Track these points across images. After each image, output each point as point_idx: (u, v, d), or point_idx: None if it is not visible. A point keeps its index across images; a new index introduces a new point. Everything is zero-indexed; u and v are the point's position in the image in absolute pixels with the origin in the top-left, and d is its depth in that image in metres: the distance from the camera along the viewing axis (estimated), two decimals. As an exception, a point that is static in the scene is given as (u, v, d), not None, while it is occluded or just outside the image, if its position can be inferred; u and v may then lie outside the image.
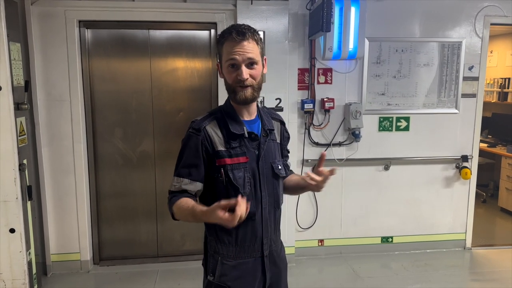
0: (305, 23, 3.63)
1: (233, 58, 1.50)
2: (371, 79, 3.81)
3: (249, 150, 1.59)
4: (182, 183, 1.57)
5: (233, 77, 1.53)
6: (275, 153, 1.68)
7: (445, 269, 3.77)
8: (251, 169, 1.58)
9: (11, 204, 3.01)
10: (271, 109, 1.82)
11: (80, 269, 3.68)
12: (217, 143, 1.56)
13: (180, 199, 1.54)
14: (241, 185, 1.55)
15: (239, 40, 1.49)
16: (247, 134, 1.58)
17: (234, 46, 1.50)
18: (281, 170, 1.67)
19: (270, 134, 1.66)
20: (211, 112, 1.64)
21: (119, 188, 3.79)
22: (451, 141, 3.99)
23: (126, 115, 3.73)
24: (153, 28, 3.62)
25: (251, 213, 1.53)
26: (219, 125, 1.59)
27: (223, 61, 1.55)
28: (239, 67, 1.51)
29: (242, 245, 1.62)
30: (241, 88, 1.53)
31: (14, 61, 3.00)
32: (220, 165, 1.56)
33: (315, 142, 3.82)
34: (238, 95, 1.54)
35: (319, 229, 3.96)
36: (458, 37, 3.86)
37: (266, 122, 1.66)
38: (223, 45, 1.54)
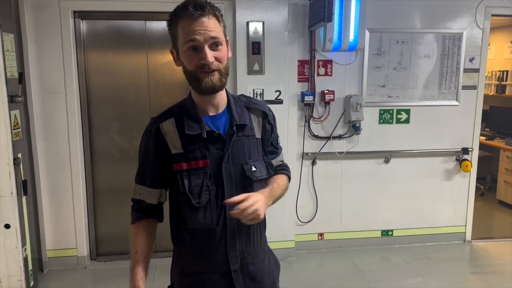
0: (305, 14, 3.57)
1: (193, 38, 1.24)
2: (371, 71, 3.77)
3: (211, 152, 1.35)
4: (140, 191, 1.43)
5: (195, 62, 1.27)
6: (250, 152, 1.41)
7: (445, 262, 3.76)
8: (213, 174, 1.35)
9: (6, 199, 2.94)
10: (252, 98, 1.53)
11: (77, 265, 3.62)
12: (173, 146, 1.35)
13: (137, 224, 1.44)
14: (196, 194, 1.34)
15: (197, 16, 1.23)
16: (205, 134, 1.33)
17: (192, 24, 1.23)
18: (255, 172, 1.40)
19: (242, 130, 1.40)
20: (170, 107, 1.42)
21: (116, 182, 3.73)
22: (451, 133, 3.96)
23: (122, 108, 3.66)
24: (150, 19, 3.55)
25: (208, 225, 1.36)
26: (176, 124, 1.35)
27: (180, 45, 1.28)
28: (202, 49, 1.25)
29: (202, 258, 1.42)
30: (206, 74, 1.27)
31: (8, 53, 2.92)
32: (176, 171, 1.35)
33: (315, 135, 3.78)
34: (204, 82, 1.27)
35: (319, 223, 3.93)
36: (459, 28, 3.82)
37: (235, 115, 1.39)
38: (177, 25, 1.27)
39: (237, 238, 1.41)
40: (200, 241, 1.40)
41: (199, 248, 1.41)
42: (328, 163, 3.86)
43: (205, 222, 1.36)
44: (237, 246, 1.42)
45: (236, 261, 1.42)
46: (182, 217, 1.41)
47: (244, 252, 1.44)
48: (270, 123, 1.50)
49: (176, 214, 1.44)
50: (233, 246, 1.40)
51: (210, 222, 1.36)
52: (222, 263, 1.41)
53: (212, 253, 1.40)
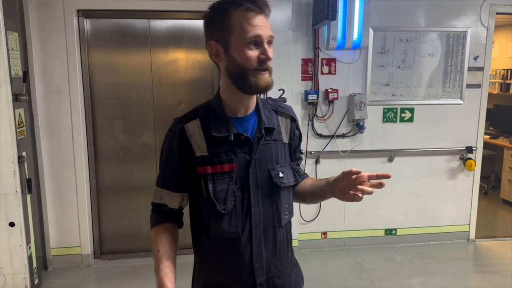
0: (309, 12, 3.56)
1: (258, 34, 1.18)
2: (375, 69, 3.76)
3: (238, 156, 1.28)
4: (162, 195, 1.34)
5: (254, 57, 1.19)
6: (277, 157, 1.34)
7: (449, 261, 3.75)
8: (239, 179, 1.28)
9: (10, 197, 2.96)
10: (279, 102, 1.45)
11: (81, 263, 3.63)
12: (198, 148, 1.27)
13: (158, 226, 1.34)
14: (221, 200, 1.27)
15: (259, 11, 1.19)
16: (233, 136, 1.27)
17: (255, 19, 1.18)
18: (282, 178, 1.34)
19: (270, 134, 1.33)
20: (196, 108, 1.34)
21: (120, 181, 3.74)
22: (455, 132, 3.95)
23: (126, 107, 3.66)
24: (154, 17, 3.55)
25: (234, 234, 1.29)
26: (202, 125, 1.29)
27: (236, 38, 1.19)
28: (261, 44, 1.20)
29: (226, 270, 1.34)
30: (260, 71, 1.20)
31: (12, 51, 2.93)
32: (200, 174, 1.27)
33: (319, 133, 3.77)
34: (260, 80, 1.21)
35: (322, 222, 3.93)
36: (463, 26, 3.81)
37: (264, 118, 1.32)
38: (231, 16, 1.19)
39: (263, 248, 1.33)
40: (223, 251, 1.32)
41: (223, 259, 1.33)
42: (332, 162, 3.85)
43: (230, 230, 1.28)
44: (263, 257, 1.33)
45: (262, 273, 1.34)
46: (204, 225, 1.33)
47: (270, 264, 1.35)
48: (298, 129, 1.45)
49: (197, 222, 1.36)
50: (259, 257, 1.32)
51: (235, 230, 1.29)
52: (247, 275, 1.32)
53: (236, 264, 1.32)
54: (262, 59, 1.20)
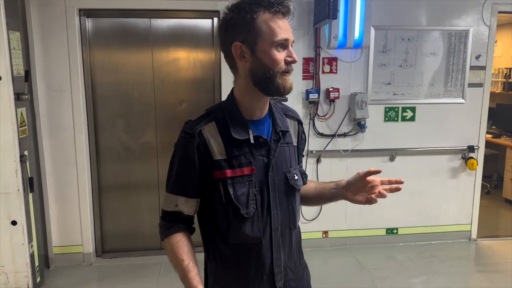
0: (310, 11, 3.56)
1: (286, 37, 1.19)
2: (376, 68, 3.75)
3: (256, 159, 1.27)
4: (177, 202, 1.29)
5: (282, 59, 1.20)
6: (290, 160, 1.35)
7: (451, 261, 3.74)
8: (258, 182, 1.27)
9: (12, 196, 2.97)
10: (286, 105, 1.46)
11: (83, 261, 3.65)
12: (216, 151, 1.25)
13: (175, 235, 1.29)
14: (243, 203, 1.25)
15: (285, 15, 1.20)
16: (253, 139, 1.26)
17: (281, 22, 1.19)
18: (297, 180, 1.35)
19: (284, 137, 1.33)
20: (209, 110, 1.31)
21: (122, 179, 3.75)
22: (457, 131, 3.94)
23: (128, 106, 3.67)
24: (155, 16, 3.55)
25: (256, 238, 1.28)
26: (218, 128, 1.26)
27: (264, 40, 1.18)
28: (287, 47, 1.21)
29: (246, 276, 1.31)
30: (285, 74, 1.21)
31: (14, 50, 2.94)
32: (218, 178, 1.25)
33: (320, 132, 3.77)
34: (286, 82, 1.21)
35: (324, 221, 3.93)
36: (465, 25, 3.80)
37: (278, 121, 1.33)
38: (258, 17, 1.18)
39: (281, 252, 1.33)
40: (244, 257, 1.30)
41: (244, 265, 1.30)
42: (333, 161, 3.85)
43: (253, 235, 1.26)
44: (281, 261, 1.33)
45: (281, 277, 1.34)
46: (220, 231, 1.30)
47: (286, 267, 1.35)
48: (304, 132, 1.46)
49: (211, 228, 1.32)
50: (278, 261, 1.32)
51: (258, 234, 1.27)
52: (267, 280, 1.32)
53: (257, 269, 1.31)
54: (289, 62, 1.21)
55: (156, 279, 3.41)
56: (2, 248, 3.02)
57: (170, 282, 3.36)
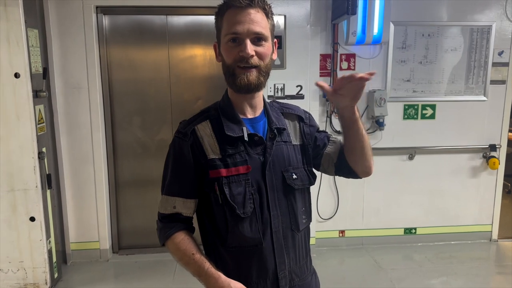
0: (328, 7, 3.50)
1: (235, 30, 1.16)
2: (396, 65, 3.68)
3: (252, 157, 1.23)
4: (174, 203, 1.25)
5: (233, 55, 1.18)
6: (289, 159, 1.30)
7: (470, 262, 3.66)
8: (255, 181, 1.23)
9: (31, 192, 3.00)
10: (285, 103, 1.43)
11: (100, 258, 3.67)
12: (210, 150, 1.23)
13: (177, 235, 1.25)
14: (240, 203, 1.21)
15: (244, 6, 1.16)
16: (247, 136, 1.23)
17: (238, 15, 1.16)
18: (296, 180, 1.29)
19: (280, 135, 1.30)
20: (204, 109, 1.31)
21: (138, 176, 3.76)
22: (478, 129, 3.85)
23: (144, 103, 3.67)
24: (171, 13, 3.54)
25: (255, 240, 1.23)
26: (213, 126, 1.25)
27: (222, 36, 1.20)
28: (242, 41, 1.17)
29: (248, 281, 1.25)
30: (243, 69, 1.18)
31: (32, 48, 2.96)
32: (213, 178, 1.22)
33: (337, 130, 3.71)
34: (239, 78, 1.18)
35: (340, 220, 3.88)
36: (488, 20, 3.69)
37: (274, 119, 1.30)
38: (223, 15, 1.20)
39: (285, 255, 1.28)
40: (245, 260, 1.25)
41: (245, 269, 1.26)
42: (350, 159, 3.79)
43: (252, 236, 1.22)
44: (286, 265, 1.28)
45: (286, 283, 1.28)
46: (219, 233, 1.26)
47: (292, 272, 1.30)
48: (312, 125, 1.41)
49: (211, 230, 1.29)
50: (282, 265, 1.27)
51: (257, 235, 1.23)
52: (271, 285, 1.27)
53: (260, 273, 1.26)
54: (240, 56, 1.17)
55: (172, 276, 3.42)
56: (21, 244, 3.06)
57: (185, 279, 3.36)
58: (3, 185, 2.98)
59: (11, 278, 3.11)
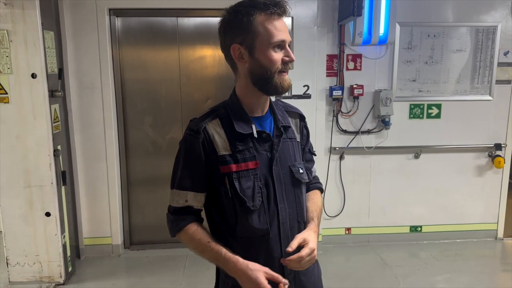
0: (335, 8, 3.57)
1: (282, 38, 1.23)
2: (402, 65, 3.73)
3: (260, 153, 1.31)
4: (186, 197, 1.31)
5: (279, 59, 1.24)
6: (294, 154, 1.39)
7: (475, 259, 3.70)
8: (262, 176, 1.30)
9: (46, 188, 3.11)
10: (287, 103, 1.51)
11: (112, 253, 3.77)
12: (220, 146, 1.29)
13: (189, 226, 1.32)
14: (250, 197, 1.28)
15: (280, 14, 1.22)
16: (256, 133, 1.30)
17: (277, 22, 1.23)
18: (303, 174, 1.38)
19: (286, 132, 1.38)
20: (213, 108, 1.37)
21: (149, 174, 3.86)
22: (484, 129, 3.89)
23: (155, 102, 3.77)
24: (182, 15, 3.63)
25: (263, 230, 1.30)
26: (222, 124, 1.31)
27: (261, 41, 1.22)
28: (284, 47, 1.25)
29: None
30: (283, 73, 1.26)
31: (48, 49, 3.07)
32: (224, 173, 1.29)
33: (343, 129, 3.78)
34: (284, 81, 1.26)
35: (347, 217, 3.94)
36: (493, 21, 3.73)
37: (279, 117, 1.38)
38: (254, 19, 1.22)
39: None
40: (253, 250, 1.32)
41: (253, 258, 1.29)
42: (356, 158, 3.86)
43: (260, 227, 1.29)
44: (291, 254, 1.30)
45: (291, 270, 1.35)
46: (228, 225, 1.32)
47: None
48: (306, 127, 1.49)
49: (220, 223, 1.35)
50: (287, 254, 1.29)
51: (265, 226, 1.30)
52: (277, 272, 1.29)
53: (266, 262, 1.30)
54: (286, 61, 1.25)
55: (182, 271, 3.51)
56: (37, 239, 3.17)
57: (195, 274, 3.45)
58: (20, 181, 3.09)
59: (27, 271, 3.22)
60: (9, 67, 2.95)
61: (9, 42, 2.92)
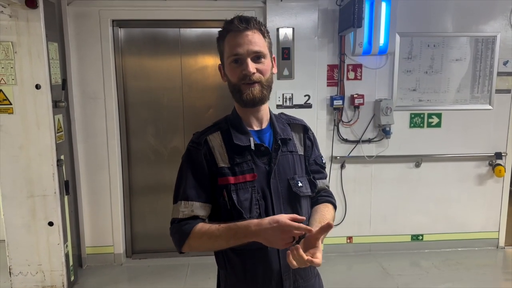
0: (335, 19, 3.61)
1: (236, 52, 1.28)
2: (402, 74, 3.76)
3: (258, 166, 1.33)
4: (192, 207, 1.31)
5: (237, 74, 1.30)
6: (294, 167, 1.39)
7: (477, 268, 3.71)
8: (260, 188, 1.32)
9: (49, 198, 3.13)
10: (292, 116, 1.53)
11: (114, 261, 3.78)
12: (220, 159, 1.33)
13: (196, 226, 1.29)
14: (247, 208, 1.29)
15: (242, 29, 1.28)
16: (253, 146, 1.33)
17: (237, 38, 1.28)
18: (302, 187, 1.38)
19: (286, 145, 1.40)
20: (215, 122, 1.42)
21: (151, 183, 3.88)
22: (484, 138, 3.91)
23: (157, 112, 3.80)
24: (184, 26, 3.68)
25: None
26: (223, 137, 1.35)
27: (225, 58, 1.33)
28: (244, 61, 1.29)
29: (255, 282, 1.34)
30: (247, 85, 1.30)
31: (52, 60, 3.11)
32: (222, 185, 1.31)
33: (344, 138, 3.81)
34: (245, 94, 1.30)
35: (348, 226, 3.95)
36: (492, 31, 3.77)
37: (279, 130, 1.40)
38: (224, 40, 1.32)
39: None
40: (251, 262, 1.33)
41: (251, 271, 1.33)
42: (357, 167, 3.88)
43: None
44: (290, 267, 1.27)
45: (290, 284, 1.36)
46: None
47: (296, 274, 1.37)
48: (310, 139, 1.49)
49: None
50: (286, 267, 1.31)
51: None
52: (276, 286, 1.34)
53: (265, 275, 1.33)
54: (243, 74, 1.29)
55: (183, 280, 3.52)
56: (39, 248, 3.19)
57: (197, 283, 3.46)
58: (23, 191, 3.12)
59: (30, 281, 3.23)
60: (13, 78, 2.99)
61: (14, 54, 2.96)
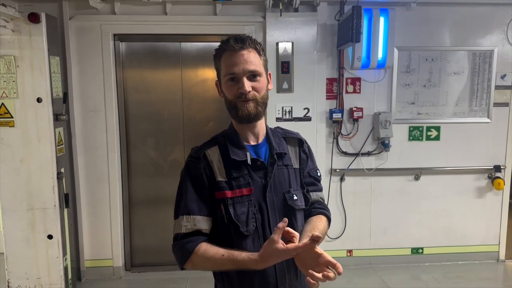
0: (334, 33, 3.65)
1: (232, 71, 1.32)
2: (400, 88, 3.79)
3: (255, 180, 1.36)
4: (195, 221, 1.33)
5: (233, 92, 1.34)
6: (290, 181, 1.43)
7: (477, 282, 3.69)
8: (257, 202, 1.35)
9: (49, 211, 3.14)
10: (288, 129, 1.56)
11: (113, 275, 3.76)
12: (217, 173, 1.36)
13: (199, 247, 1.30)
14: (243, 222, 1.33)
15: (238, 49, 1.32)
16: (250, 161, 1.37)
17: (233, 57, 1.32)
18: (297, 201, 1.41)
19: (282, 159, 1.43)
20: (213, 137, 1.46)
21: (151, 196, 3.88)
22: (483, 151, 3.92)
23: (158, 125, 3.82)
24: (184, 40, 3.72)
25: None
26: (221, 151, 1.39)
27: (222, 76, 1.37)
28: (240, 79, 1.33)
29: None
30: (243, 102, 1.34)
31: (54, 74, 3.13)
32: (219, 199, 1.34)
33: (344, 151, 3.82)
34: (240, 110, 1.34)
35: (348, 240, 3.94)
36: (490, 45, 3.81)
37: (274, 145, 1.43)
38: (220, 58, 1.37)
39: (286, 271, 1.37)
40: (248, 276, 1.33)
41: (248, 284, 1.34)
42: (357, 180, 3.88)
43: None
44: (287, 280, 1.36)
45: None
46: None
47: (292, 287, 1.39)
48: (305, 152, 1.51)
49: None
50: (283, 280, 1.35)
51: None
52: None
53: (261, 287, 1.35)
54: (239, 93, 1.33)
55: (182, 294, 3.50)
56: (38, 261, 3.18)
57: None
58: (23, 204, 3.13)
59: (28, 294, 3.22)
60: (15, 92, 3.01)
61: (16, 67, 2.99)
